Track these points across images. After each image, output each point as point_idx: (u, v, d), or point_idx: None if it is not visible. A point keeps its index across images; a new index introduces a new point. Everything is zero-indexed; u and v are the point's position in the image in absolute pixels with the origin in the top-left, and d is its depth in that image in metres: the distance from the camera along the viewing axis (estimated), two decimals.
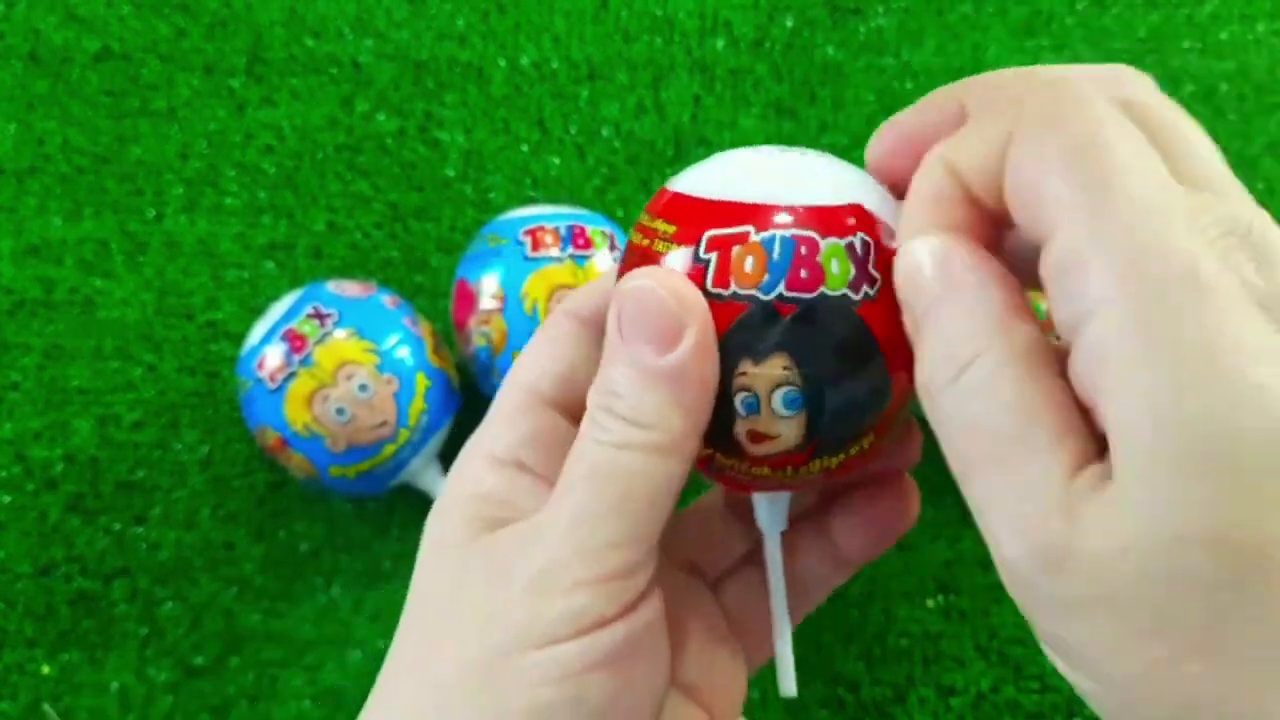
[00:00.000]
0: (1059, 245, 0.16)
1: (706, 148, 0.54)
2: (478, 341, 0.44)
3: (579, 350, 0.24)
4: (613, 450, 0.20)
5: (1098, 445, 0.16)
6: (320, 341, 0.42)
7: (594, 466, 0.20)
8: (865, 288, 0.20)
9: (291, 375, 0.42)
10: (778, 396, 0.21)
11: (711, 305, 0.20)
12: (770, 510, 0.24)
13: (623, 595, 0.20)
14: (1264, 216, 0.16)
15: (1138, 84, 0.18)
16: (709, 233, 0.21)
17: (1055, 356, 0.17)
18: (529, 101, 0.54)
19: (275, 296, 0.47)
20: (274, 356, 0.42)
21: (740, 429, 0.21)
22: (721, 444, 0.22)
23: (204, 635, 0.46)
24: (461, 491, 0.23)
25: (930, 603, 0.46)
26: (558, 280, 0.43)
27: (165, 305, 0.50)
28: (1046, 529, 0.16)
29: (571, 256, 0.44)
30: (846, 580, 0.28)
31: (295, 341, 0.42)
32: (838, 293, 0.20)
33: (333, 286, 0.44)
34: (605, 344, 0.21)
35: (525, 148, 0.53)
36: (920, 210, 0.19)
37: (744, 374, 0.21)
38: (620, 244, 0.45)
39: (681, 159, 0.54)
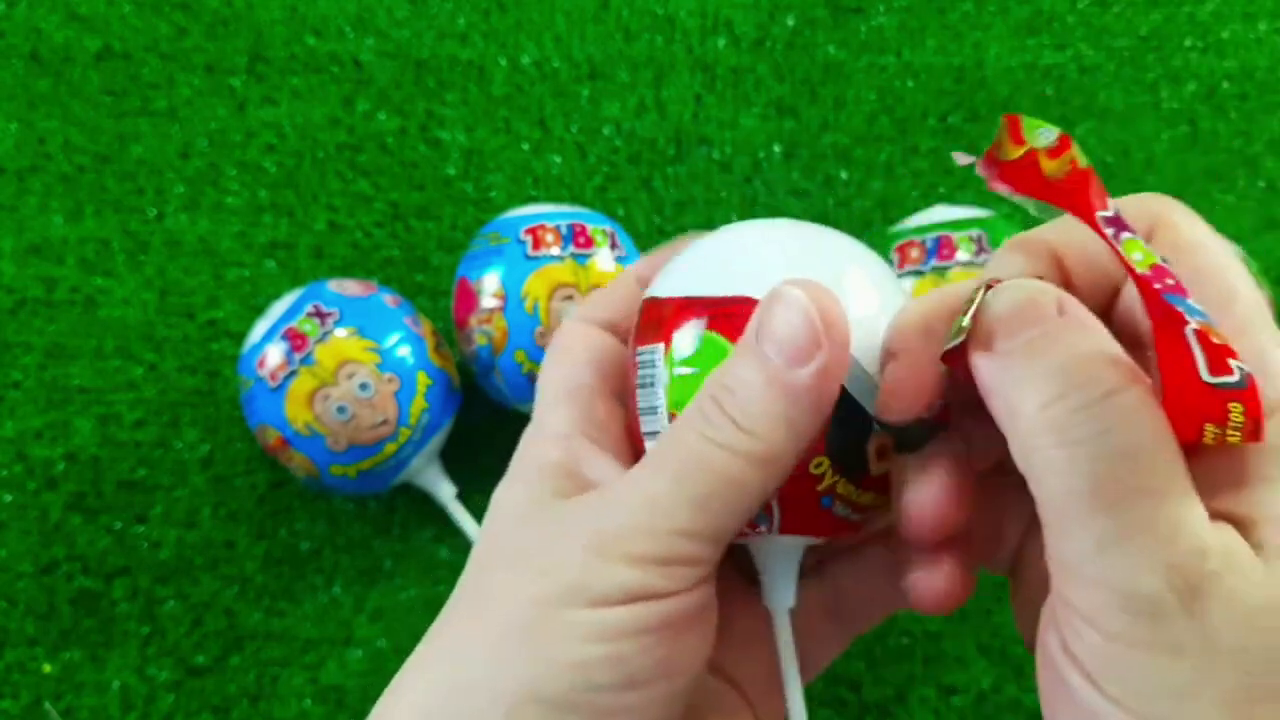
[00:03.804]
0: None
1: (707, 146, 0.54)
2: (479, 340, 0.44)
3: (603, 346, 0.25)
4: (711, 446, 0.20)
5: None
6: (321, 340, 0.42)
7: (686, 456, 0.20)
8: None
9: (292, 374, 0.42)
10: None
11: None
12: (779, 588, 0.24)
13: (679, 578, 0.20)
14: None
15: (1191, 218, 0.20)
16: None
17: None
18: (530, 100, 0.54)
19: (276, 295, 0.47)
20: (275, 355, 0.42)
21: (872, 444, 0.22)
22: (845, 458, 0.22)
23: (205, 634, 0.46)
24: (528, 467, 0.23)
25: None
26: (559, 279, 0.43)
27: (166, 304, 0.50)
28: (1198, 566, 0.16)
29: (572, 255, 0.44)
30: (845, 646, 0.28)
31: (296, 340, 0.42)
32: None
33: (334, 285, 0.44)
34: (739, 342, 0.21)
35: (526, 146, 0.53)
36: (1016, 259, 0.20)
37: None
38: (621, 243, 0.45)
39: (683, 158, 0.54)
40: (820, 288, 0.21)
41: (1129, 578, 0.16)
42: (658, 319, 0.22)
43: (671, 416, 0.22)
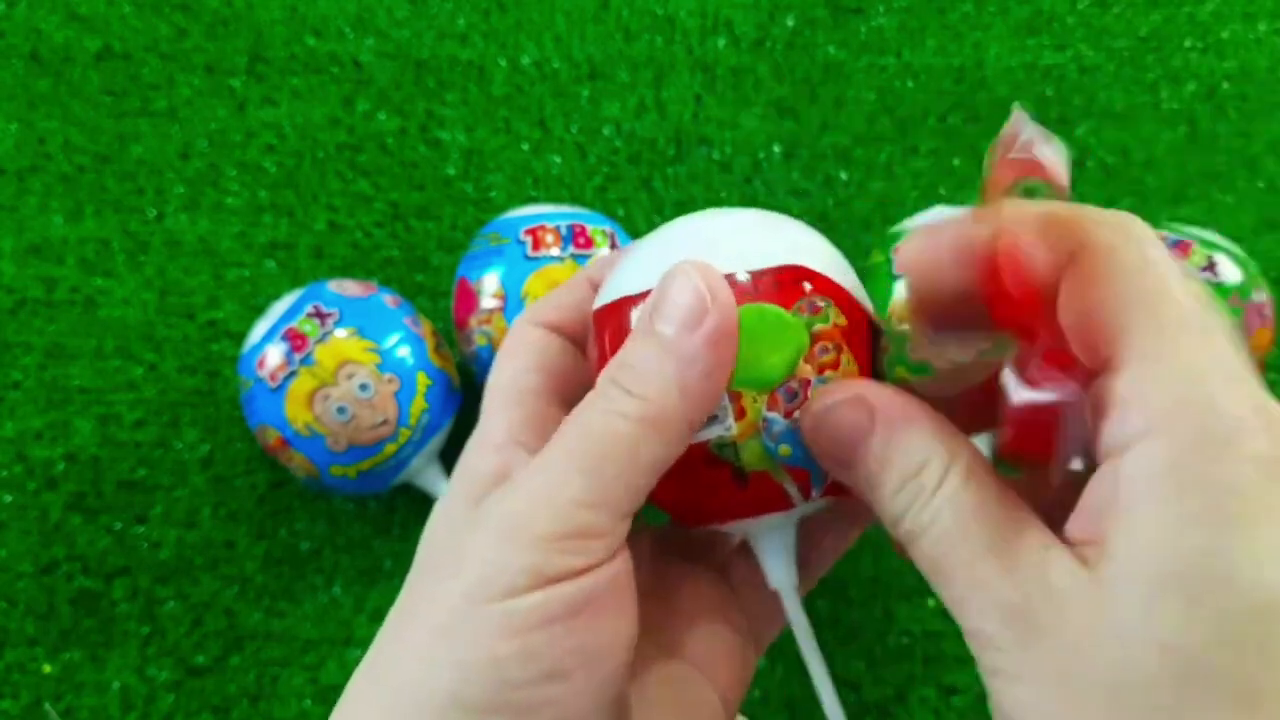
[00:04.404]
0: (1119, 379, 0.18)
1: (707, 146, 0.54)
2: (479, 341, 0.44)
3: (551, 347, 0.25)
4: (602, 415, 0.21)
5: (1053, 538, 0.19)
6: (321, 341, 0.42)
7: (579, 427, 0.21)
8: None
9: (292, 374, 0.42)
10: None
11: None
12: (781, 566, 0.24)
13: (584, 554, 0.20)
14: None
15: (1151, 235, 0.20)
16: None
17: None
18: (530, 100, 0.54)
19: (276, 295, 0.47)
20: (275, 355, 0.42)
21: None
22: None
23: (205, 634, 0.46)
24: (464, 477, 0.23)
25: (930, 602, 0.46)
26: (559, 279, 0.43)
27: (166, 304, 0.50)
28: (1029, 609, 0.18)
29: (572, 256, 0.44)
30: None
31: (296, 341, 0.42)
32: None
33: (334, 286, 0.44)
34: (635, 324, 0.22)
35: (526, 147, 0.53)
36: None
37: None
38: (621, 243, 0.45)
39: (683, 158, 0.54)
40: (706, 265, 0.21)
41: (979, 620, 0.18)
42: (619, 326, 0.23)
43: (735, 396, 0.22)
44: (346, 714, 0.21)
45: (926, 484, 0.19)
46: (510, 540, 0.20)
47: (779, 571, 0.25)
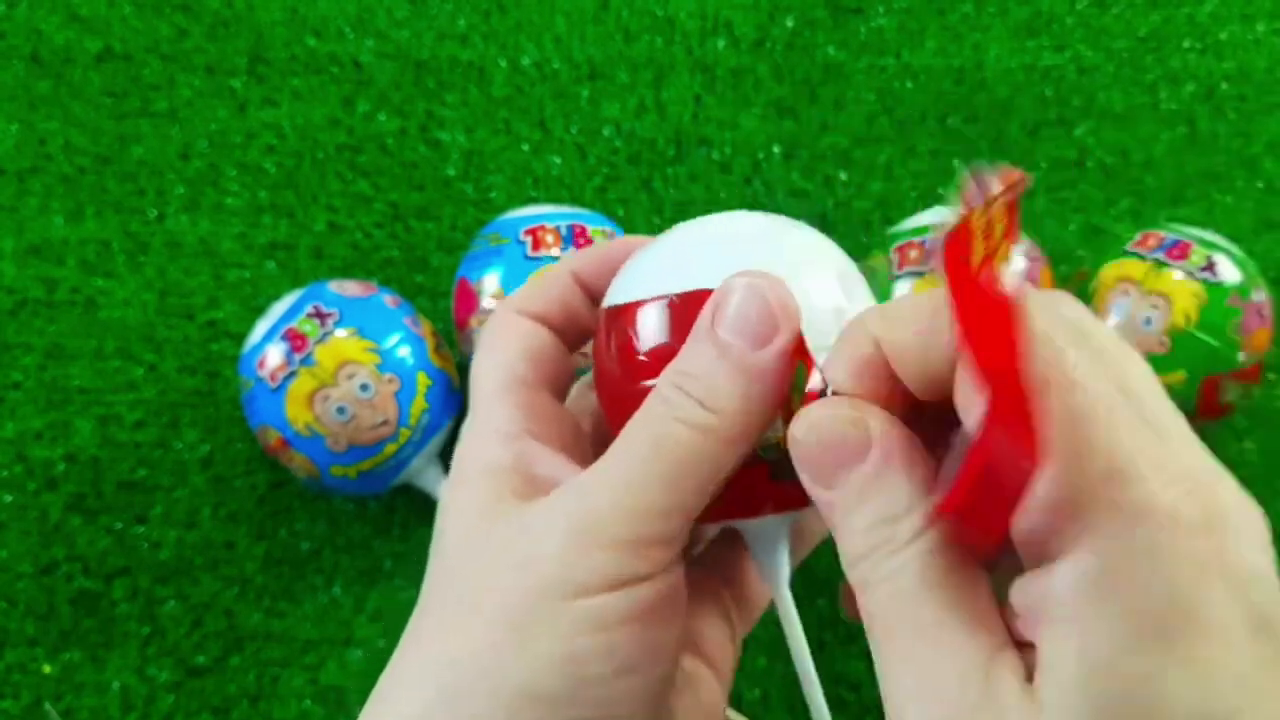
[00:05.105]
0: (1044, 476, 0.17)
1: (707, 147, 0.54)
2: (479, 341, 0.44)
3: (538, 337, 0.25)
4: (678, 425, 0.21)
5: (1007, 639, 0.18)
6: (321, 341, 0.42)
7: (656, 437, 0.21)
8: None
9: (292, 375, 0.42)
10: None
11: None
12: (775, 563, 0.25)
13: (657, 558, 0.21)
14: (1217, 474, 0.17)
15: (1078, 310, 0.19)
16: None
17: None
18: (530, 101, 0.54)
19: (276, 296, 0.47)
20: (275, 356, 0.42)
21: None
22: None
23: (205, 634, 0.46)
24: (479, 469, 0.23)
25: None
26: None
27: (166, 305, 0.50)
28: (966, 712, 0.17)
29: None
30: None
31: (296, 341, 0.42)
32: None
33: (334, 286, 0.44)
34: (694, 329, 0.22)
35: (526, 147, 0.53)
36: (842, 374, 0.20)
37: None
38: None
39: (682, 158, 0.54)
40: (774, 279, 0.22)
41: (903, 708, 0.18)
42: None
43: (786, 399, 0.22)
44: (396, 697, 0.21)
45: (900, 534, 0.18)
46: (581, 543, 0.20)
47: (775, 569, 0.25)
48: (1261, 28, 0.57)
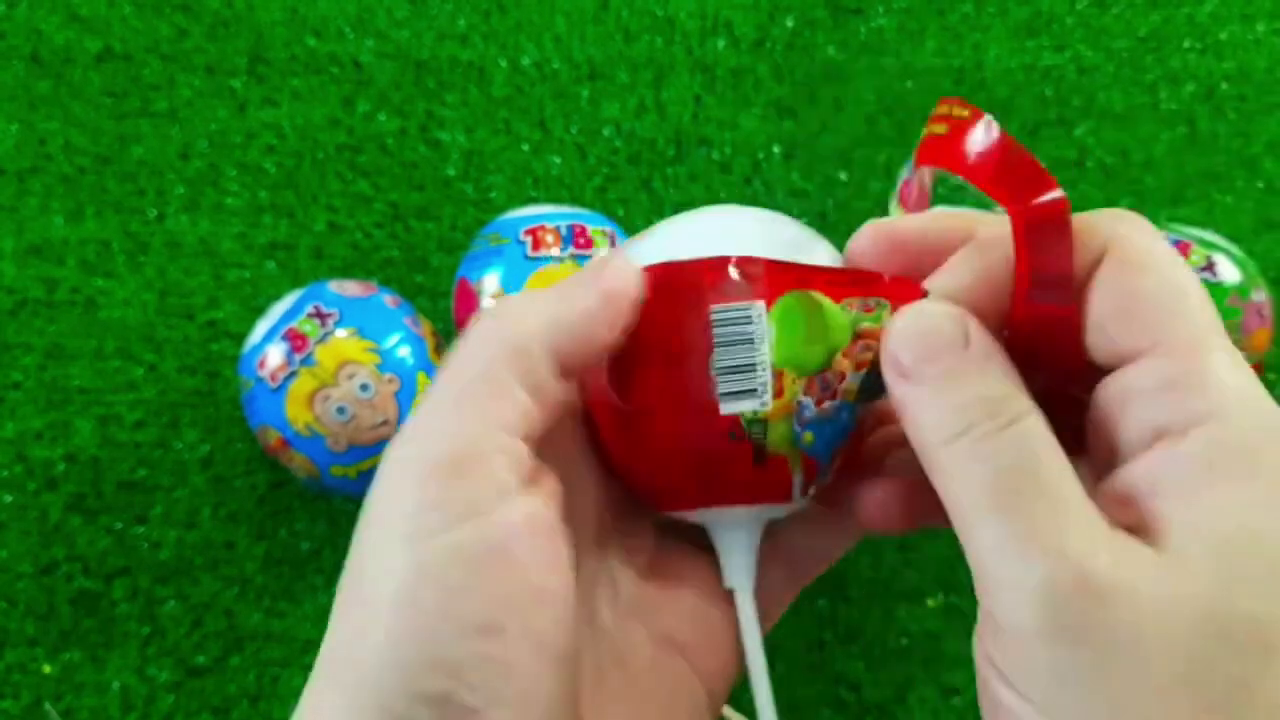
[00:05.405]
0: (1171, 363, 0.18)
1: (707, 147, 0.54)
2: None
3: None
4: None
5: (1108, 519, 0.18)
6: (321, 341, 0.42)
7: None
8: None
9: (293, 375, 0.42)
10: None
11: None
12: (741, 567, 0.24)
13: (483, 487, 0.20)
14: None
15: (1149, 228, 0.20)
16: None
17: None
18: (530, 101, 0.54)
19: (276, 296, 0.47)
20: (275, 356, 0.42)
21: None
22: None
23: (205, 634, 0.46)
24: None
25: (930, 602, 0.46)
26: (558, 279, 0.43)
27: (166, 305, 0.50)
28: (1095, 562, 0.17)
29: (572, 256, 0.44)
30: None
31: (296, 341, 0.42)
32: None
33: (334, 286, 0.44)
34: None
35: (526, 147, 0.53)
36: (955, 282, 0.21)
37: None
38: (620, 243, 0.46)
39: (682, 158, 0.54)
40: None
41: (1028, 577, 0.17)
42: (749, 277, 0.22)
43: (778, 374, 0.22)
44: (309, 702, 0.21)
45: (1002, 413, 0.18)
46: (404, 477, 0.20)
47: (739, 570, 0.24)
48: (1261, 28, 0.57)
